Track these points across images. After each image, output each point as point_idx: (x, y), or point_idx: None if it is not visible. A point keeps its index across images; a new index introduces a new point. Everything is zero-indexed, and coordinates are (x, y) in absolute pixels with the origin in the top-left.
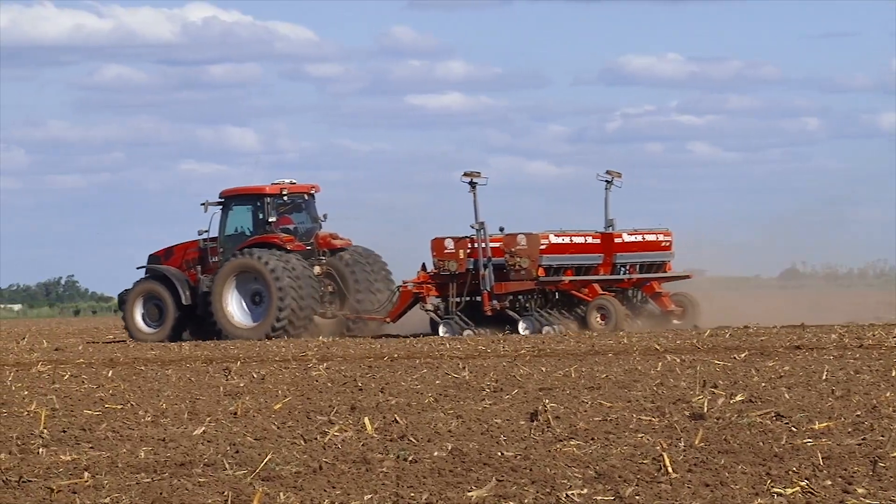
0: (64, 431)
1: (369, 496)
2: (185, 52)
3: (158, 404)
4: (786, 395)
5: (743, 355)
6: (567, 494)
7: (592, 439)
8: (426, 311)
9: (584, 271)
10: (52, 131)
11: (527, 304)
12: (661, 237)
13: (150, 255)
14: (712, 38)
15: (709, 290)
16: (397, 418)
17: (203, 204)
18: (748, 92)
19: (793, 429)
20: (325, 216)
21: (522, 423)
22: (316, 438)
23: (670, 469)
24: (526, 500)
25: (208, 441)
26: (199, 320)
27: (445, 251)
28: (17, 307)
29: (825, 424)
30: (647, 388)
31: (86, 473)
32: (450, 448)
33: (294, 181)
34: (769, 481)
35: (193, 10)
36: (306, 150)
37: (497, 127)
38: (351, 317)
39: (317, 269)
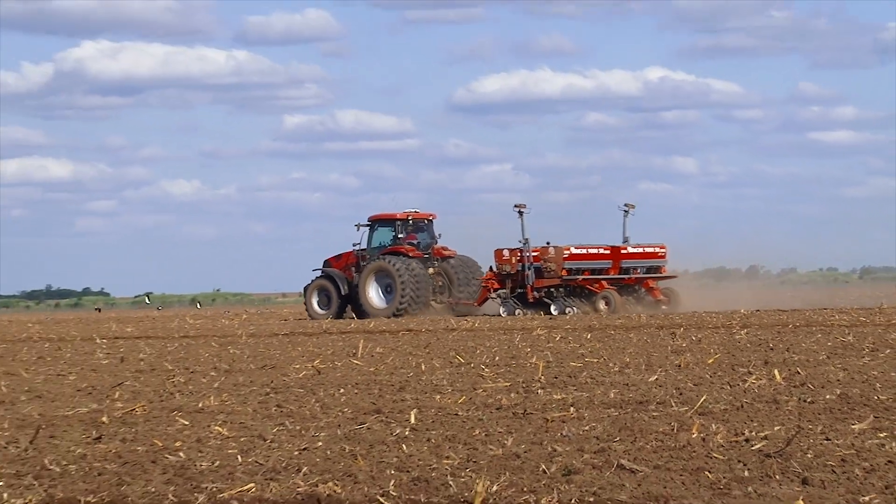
0: (556, 378)
1: (777, 427)
2: None
3: (623, 359)
4: None
5: None
6: None
7: None
8: (492, 298)
9: (597, 272)
10: None
11: (556, 294)
12: (657, 249)
13: (325, 261)
14: None
15: None
16: (799, 370)
17: (356, 225)
18: None
19: None
20: (439, 235)
21: (893, 374)
22: (738, 384)
23: None
24: None
25: (659, 386)
26: (356, 304)
27: (503, 258)
28: None
29: None
30: None
31: (571, 408)
32: (838, 392)
33: (418, 210)
34: None
35: None
36: None
37: None
38: (453, 303)
39: (430, 270)
